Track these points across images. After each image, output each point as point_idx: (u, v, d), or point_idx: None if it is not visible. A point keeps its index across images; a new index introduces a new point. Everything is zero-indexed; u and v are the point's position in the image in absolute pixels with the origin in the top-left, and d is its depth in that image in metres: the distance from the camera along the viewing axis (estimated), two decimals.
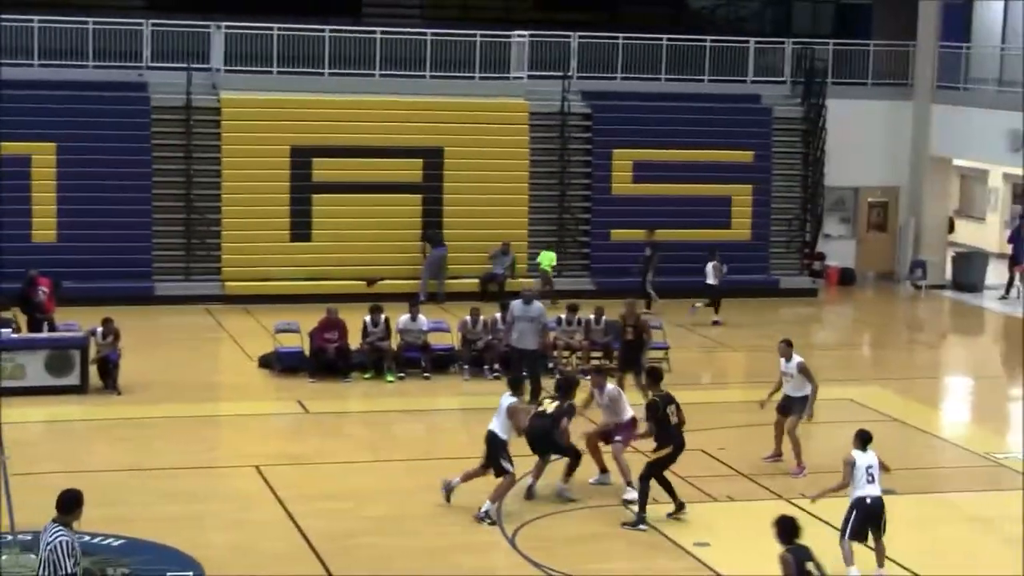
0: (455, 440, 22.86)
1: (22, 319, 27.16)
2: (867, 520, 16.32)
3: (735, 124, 37.48)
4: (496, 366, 27.02)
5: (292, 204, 34.83)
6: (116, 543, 17.18)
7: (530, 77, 37.01)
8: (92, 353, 25.31)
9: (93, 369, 25.22)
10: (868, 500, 16.32)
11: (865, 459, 16.49)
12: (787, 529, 13.68)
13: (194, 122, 34.80)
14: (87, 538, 17.20)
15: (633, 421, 19.52)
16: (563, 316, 28.05)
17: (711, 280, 33.31)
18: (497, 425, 18.84)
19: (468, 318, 27.80)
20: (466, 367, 27.12)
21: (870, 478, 16.40)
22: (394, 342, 27.10)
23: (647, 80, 37.93)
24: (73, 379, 24.97)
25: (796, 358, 20.73)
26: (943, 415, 26.06)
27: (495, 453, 18.68)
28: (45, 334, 26.29)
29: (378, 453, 22.12)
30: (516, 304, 25.56)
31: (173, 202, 34.53)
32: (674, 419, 18.51)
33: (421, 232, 34.66)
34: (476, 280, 34.35)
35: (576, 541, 17.87)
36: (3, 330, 25.36)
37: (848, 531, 16.30)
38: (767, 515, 17.85)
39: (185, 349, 29.21)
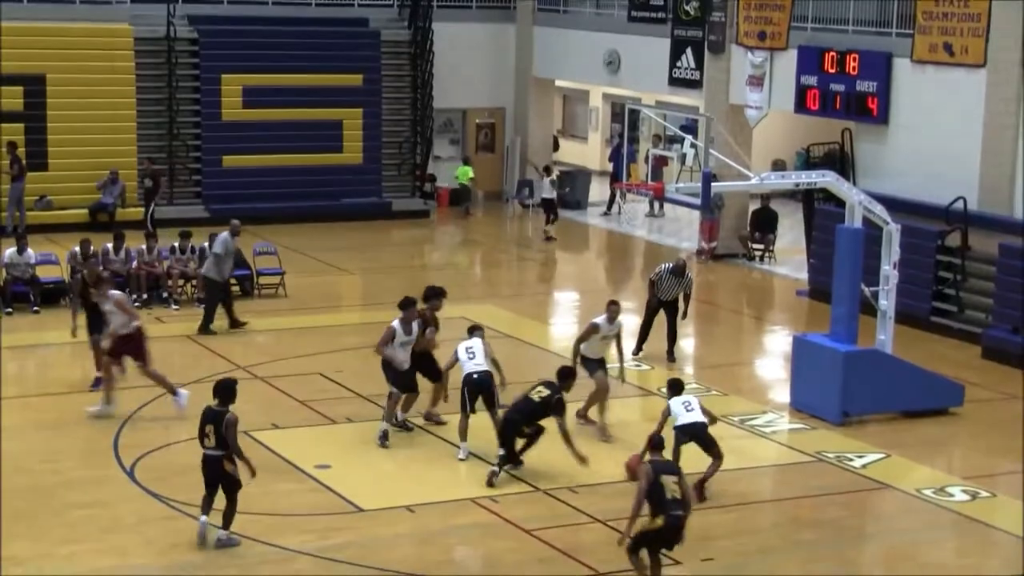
0: (68, 375, 22.54)
1: None
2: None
3: (344, 48, 37.72)
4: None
5: None
6: None
7: (134, 1, 36.32)
8: None
9: None
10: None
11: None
12: (655, 443, 14.66)
13: None
14: None
15: None
16: (176, 244, 27.85)
17: (547, 194, 35.07)
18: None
19: (77, 249, 27.30)
20: (77, 299, 26.64)
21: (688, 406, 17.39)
22: (0, 276, 26.42)
23: (254, 4, 37.87)
24: None
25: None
26: (553, 329, 27.17)
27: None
28: None
29: None
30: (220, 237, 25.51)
31: None
32: None
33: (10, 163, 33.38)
34: (85, 210, 33.66)
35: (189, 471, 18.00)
36: None
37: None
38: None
39: None
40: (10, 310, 26.15)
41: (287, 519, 16.58)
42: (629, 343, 22.19)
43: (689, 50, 34.61)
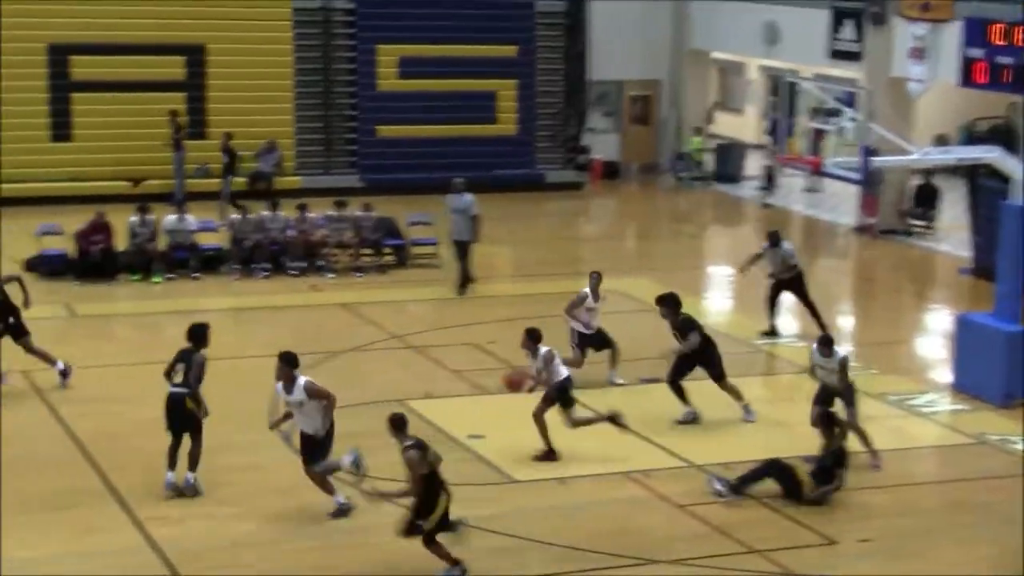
0: (224, 341, 22.79)
1: None
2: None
3: (498, 19, 37.64)
4: (266, 265, 27.01)
5: (51, 104, 34.04)
6: None
7: None
8: None
9: None
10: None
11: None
12: (399, 424, 14.39)
13: None
14: None
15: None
16: (332, 213, 28.06)
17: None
18: None
19: (237, 216, 27.68)
20: (236, 267, 27.03)
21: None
22: (162, 243, 26.86)
23: None
24: None
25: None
26: (707, 304, 26.91)
27: None
28: None
29: (146, 355, 21.90)
30: (448, 197, 25.92)
31: None
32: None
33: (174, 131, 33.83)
34: (244, 179, 34.06)
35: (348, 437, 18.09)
36: None
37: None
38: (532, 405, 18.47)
39: None
40: (172, 276, 26.55)
41: None
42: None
43: (849, 21, 33.94)
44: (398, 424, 14.36)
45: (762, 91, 45.16)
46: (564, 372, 17.58)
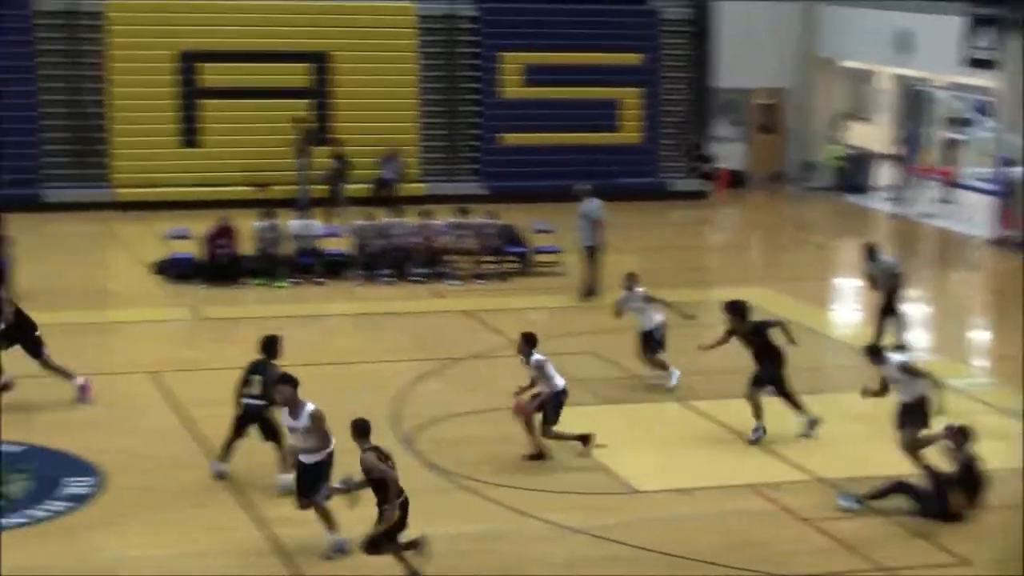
0: (346, 345, 22.91)
1: None
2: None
3: (623, 27, 37.48)
4: (389, 271, 27.08)
5: (180, 110, 34.51)
6: (14, 450, 17.12)
7: None
8: None
9: None
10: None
11: None
12: (361, 429, 14.07)
13: (79, 26, 34.22)
14: None
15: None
16: (455, 220, 28.08)
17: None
18: None
19: (361, 223, 27.80)
20: (359, 272, 27.13)
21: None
22: (287, 247, 27.04)
23: None
24: None
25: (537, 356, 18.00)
26: (833, 315, 26.52)
27: None
28: None
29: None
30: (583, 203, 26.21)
31: (60, 108, 34.06)
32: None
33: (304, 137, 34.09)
34: (368, 185, 34.22)
35: (470, 443, 18.04)
36: None
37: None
38: (663, 416, 18.28)
39: (78, 256, 28.99)
40: (297, 280, 26.71)
41: (562, 496, 16.45)
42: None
43: (986, 28, 33.24)
44: (360, 429, 14.06)
45: (893, 100, 44.48)
46: (560, 383, 17.40)
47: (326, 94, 35.36)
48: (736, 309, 18.70)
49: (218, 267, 26.51)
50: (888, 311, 22.97)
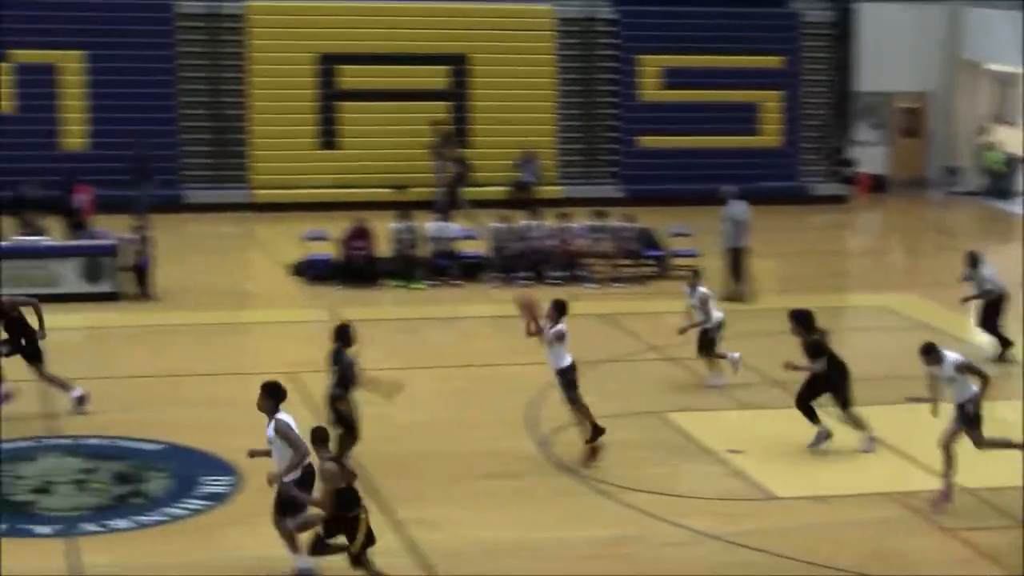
0: (483, 347, 22.91)
1: (57, 225, 27.43)
2: None
3: (762, 29, 37.14)
4: (526, 273, 27.05)
5: (319, 112, 34.84)
6: (154, 448, 17.33)
7: None
8: (125, 260, 25.44)
9: (127, 276, 25.36)
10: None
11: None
12: (320, 437, 13.72)
13: (219, 29, 34.71)
14: (125, 443, 17.45)
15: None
16: (592, 223, 27.99)
17: None
18: None
19: (498, 225, 27.82)
20: (496, 275, 27.14)
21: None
22: (424, 249, 27.15)
23: None
24: (106, 286, 25.10)
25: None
26: (973, 323, 25.93)
27: None
28: (77, 242, 26.43)
29: (407, 360, 22.14)
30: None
31: (200, 110, 34.56)
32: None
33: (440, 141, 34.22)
34: (505, 188, 34.22)
35: (605, 447, 17.91)
36: (36, 238, 25.58)
37: None
38: (801, 421, 18.01)
39: (217, 256, 29.39)
40: (434, 282, 26.78)
41: (696, 501, 16.28)
42: None
43: None
44: (319, 438, 13.71)
45: None
46: (568, 359, 17.29)
47: (464, 96, 35.46)
48: (801, 318, 18.27)
49: (355, 269, 26.68)
50: (986, 323, 22.48)
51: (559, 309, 17.48)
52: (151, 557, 14.45)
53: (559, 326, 17.36)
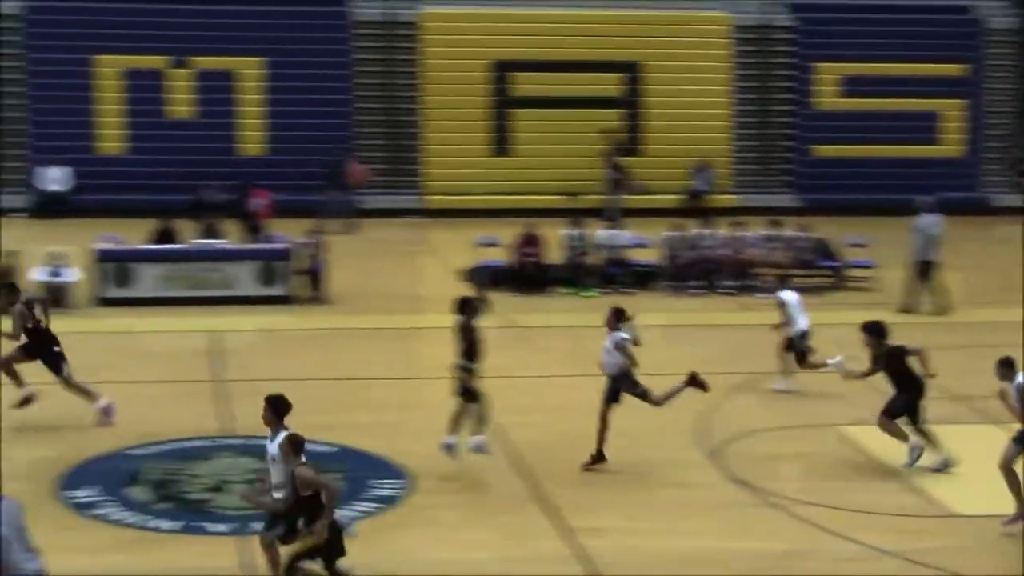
0: (655, 357, 22.60)
1: (234, 229, 27.87)
2: None
3: (943, 36, 36.38)
4: (698, 282, 26.78)
5: (492, 119, 34.92)
6: (327, 450, 17.43)
7: None
8: (299, 264, 25.72)
9: (301, 279, 25.63)
10: None
11: None
12: (296, 445, 12.99)
13: (394, 36, 34.99)
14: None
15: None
16: (767, 232, 27.62)
17: None
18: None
19: (671, 234, 27.57)
20: (668, 283, 26.89)
21: None
22: (595, 257, 27.01)
23: None
24: (280, 289, 25.38)
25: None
26: None
27: None
28: (253, 245, 26.81)
29: (576, 367, 21.97)
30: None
31: (374, 116, 34.88)
32: None
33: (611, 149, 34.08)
34: (679, 196, 33.94)
35: (777, 459, 17.59)
36: (213, 241, 26.00)
37: None
38: (980, 437, 17.48)
39: (389, 261, 29.60)
40: (606, 290, 26.65)
41: (870, 517, 15.85)
42: None
43: None
44: (295, 445, 13.08)
45: None
46: (621, 366, 17.01)
47: (636, 104, 35.27)
48: (874, 330, 17.64)
49: (526, 275, 26.64)
50: None
51: (618, 316, 17.29)
52: None
53: (622, 333, 17.14)
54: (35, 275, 24.85)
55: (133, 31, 34.05)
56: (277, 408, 13.24)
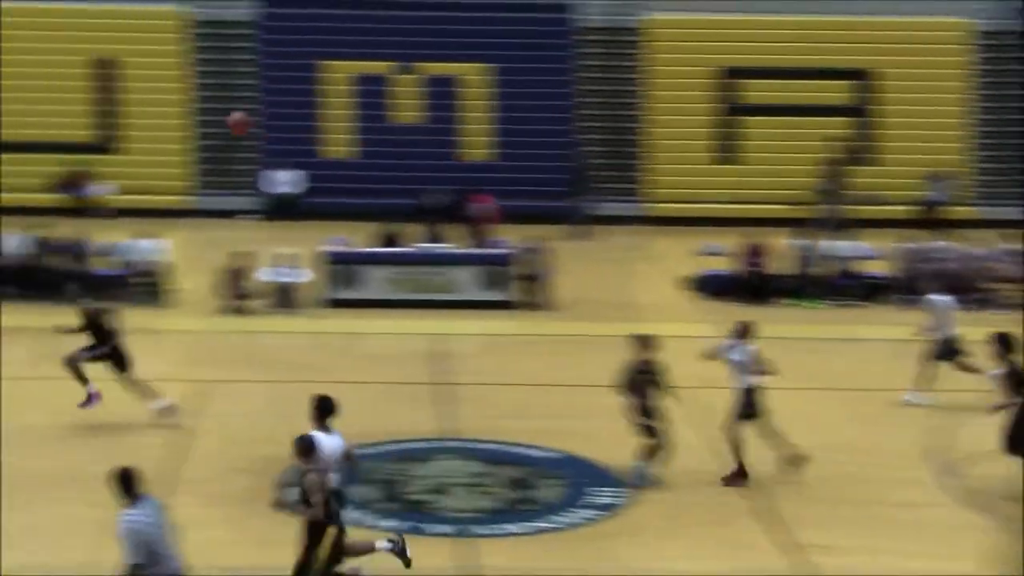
0: (884, 372, 21.91)
1: (459, 234, 27.94)
2: None
3: None
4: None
5: (719, 126, 34.45)
6: (549, 456, 17.29)
7: None
8: (522, 269, 25.63)
9: (523, 285, 25.53)
10: None
11: None
12: (307, 449, 12.71)
13: (618, 42, 34.80)
14: (520, 449, 17.44)
15: None
16: (1006, 246, 26.65)
17: None
18: None
19: (905, 245, 26.81)
20: (901, 296, 26.06)
21: None
22: (823, 267, 26.39)
23: None
24: (502, 294, 25.30)
25: None
26: None
27: None
28: (475, 250, 26.80)
29: (803, 380, 21.38)
30: None
31: (598, 122, 34.70)
32: None
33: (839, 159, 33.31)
34: (913, 207, 32.92)
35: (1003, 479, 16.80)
36: (437, 245, 26.12)
37: None
38: None
39: (611, 268, 29.31)
40: (836, 302, 26.08)
41: None
42: None
43: None
44: (305, 449, 12.75)
45: None
46: (750, 382, 16.68)
47: (867, 112, 34.44)
48: (1003, 341, 16.77)
49: (751, 285, 26.14)
50: None
51: (747, 330, 16.98)
52: (541, 561, 14.41)
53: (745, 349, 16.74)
54: (262, 275, 25.20)
55: (361, 37, 34.43)
56: (323, 408, 13.30)
